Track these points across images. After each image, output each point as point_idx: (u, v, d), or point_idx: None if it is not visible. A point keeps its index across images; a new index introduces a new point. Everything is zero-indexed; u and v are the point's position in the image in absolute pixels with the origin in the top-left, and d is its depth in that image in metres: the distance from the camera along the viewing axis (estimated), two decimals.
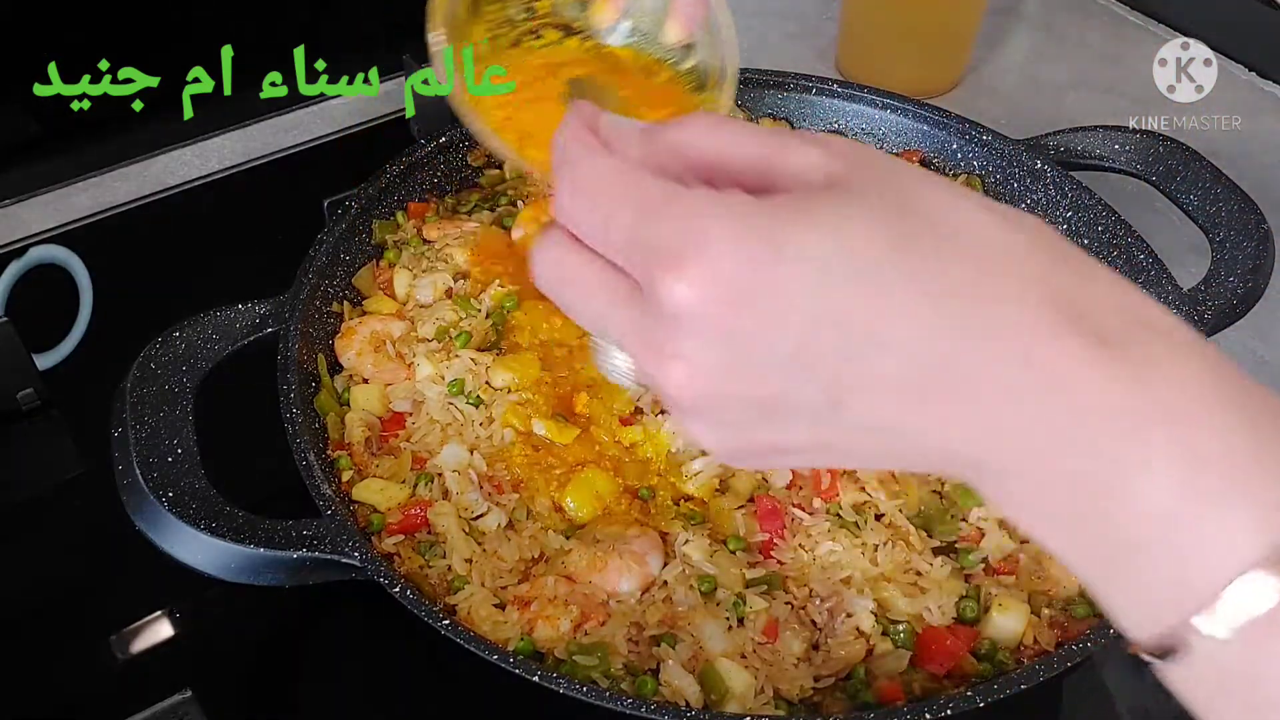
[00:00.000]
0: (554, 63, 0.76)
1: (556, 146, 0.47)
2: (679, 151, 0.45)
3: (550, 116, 0.65)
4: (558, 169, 0.47)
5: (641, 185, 0.43)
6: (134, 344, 0.88)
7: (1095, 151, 1.14)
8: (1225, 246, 1.03)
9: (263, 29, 1.33)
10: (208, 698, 0.84)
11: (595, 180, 0.45)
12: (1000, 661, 0.80)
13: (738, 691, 0.76)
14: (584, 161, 0.45)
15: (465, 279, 1.04)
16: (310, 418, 0.91)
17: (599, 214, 0.44)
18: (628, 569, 0.82)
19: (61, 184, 1.29)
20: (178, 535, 0.77)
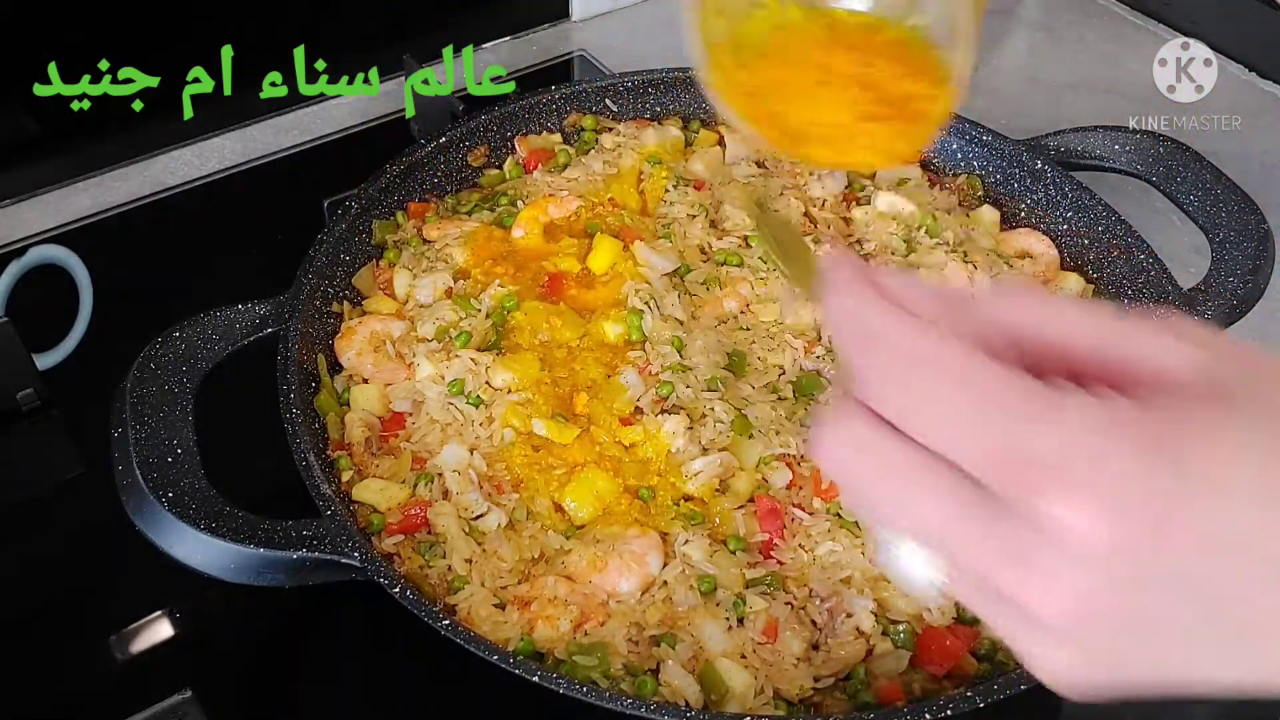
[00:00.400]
0: (784, 36, 0.72)
1: (845, 311, 0.43)
2: (1001, 327, 0.41)
3: (804, 104, 0.68)
4: (860, 343, 0.42)
5: (992, 378, 0.38)
6: (134, 344, 0.88)
7: (1095, 151, 1.14)
8: (1225, 246, 1.03)
9: (263, 29, 1.33)
10: (208, 698, 0.84)
11: (925, 365, 0.40)
12: (1000, 662, 0.80)
13: (738, 691, 0.77)
14: (903, 338, 0.40)
15: (465, 279, 1.04)
16: (310, 418, 0.91)
17: (937, 407, 0.39)
18: (628, 569, 0.82)
19: (61, 184, 1.29)
20: (178, 535, 0.77)
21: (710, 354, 0.96)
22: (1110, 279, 1.07)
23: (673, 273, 1.04)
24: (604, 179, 1.14)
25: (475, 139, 1.17)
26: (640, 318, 0.98)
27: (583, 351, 0.97)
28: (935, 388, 0.39)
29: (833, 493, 0.87)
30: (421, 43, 1.34)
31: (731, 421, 0.91)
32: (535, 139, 1.20)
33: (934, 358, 0.40)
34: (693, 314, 1.02)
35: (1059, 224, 1.12)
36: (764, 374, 0.97)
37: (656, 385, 0.94)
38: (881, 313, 0.42)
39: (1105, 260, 1.08)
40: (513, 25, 1.57)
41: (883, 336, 0.41)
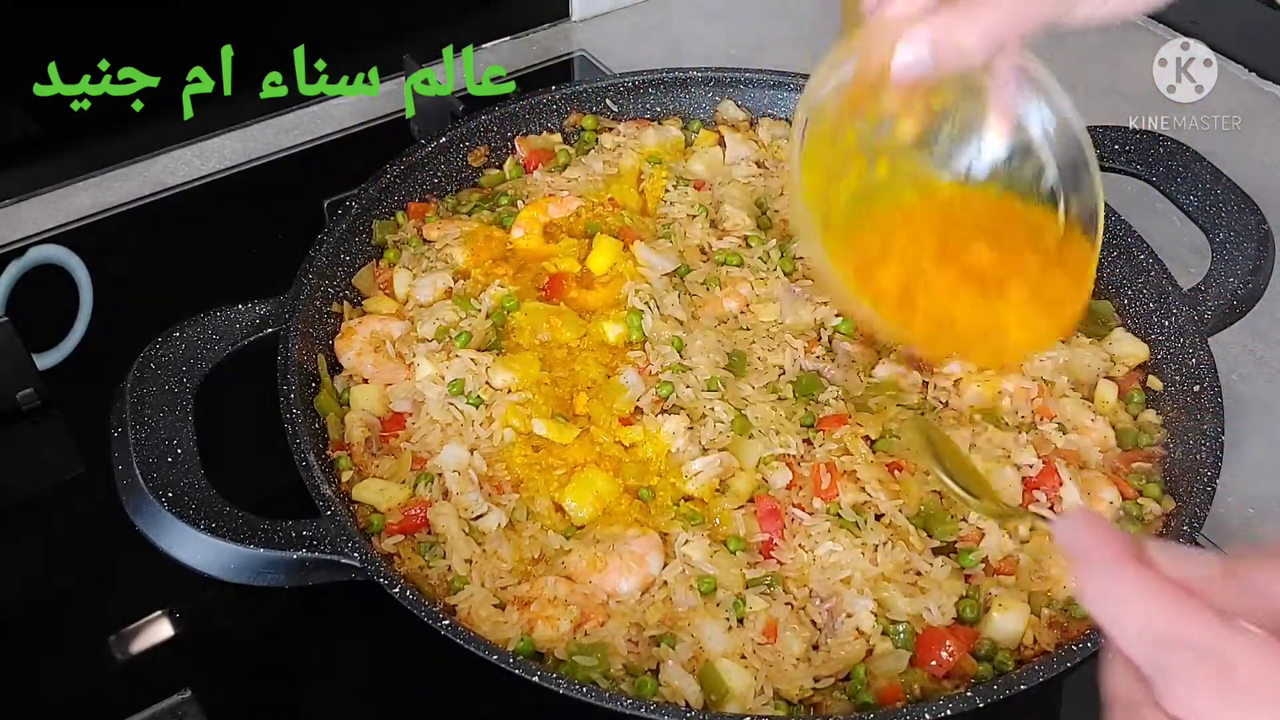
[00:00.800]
0: (904, 222, 0.72)
1: (1124, 606, 0.40)
2: None
3: (943, 294, 0.67)
4: (1153, 647, 0.39)
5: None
6: (134, 344, 0.88)
7: None
8: (1225, 246, 1.03)
9: (263, 29, 1.33)
10: (208, 698, 0.84)
11: (1241, 677, 0.37)
12: (1000, 662, 0.80)
13: (738, 691, 0.76)
14: (1207, 640, 0.38)
15: (465, 279, 1.04)
16: (310, 418, 0.91)
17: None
18: (628, 569, 0.82)
19: (61, 184, 1.29)
20: (178, 535, 0.77)
21: (710, 354, 0.96)
22: (1110, 279, 1.07)
23: (673, 273, 1.04)
24: (604, 179, 1.14)
25: (475, 139, 1.17)
26: (640, 318, 0.98)
27: (583, 352, 0.97)
28: (1254, 698, 0.37)
29: (833, 493, 0.87)
30: (421, 43, 1.34)
31: (731, 421, 0.91)
32: (535, 139, 1.20)
33: (1245, 663, 0.37)
34: (693, 314, 1.02)
35: None
36: (764, 374, 0.97)
37: (656, 385, 0.94)
38: (1174, 609, 0.39)
39: (1105, 260, 1.08)
40: (513, 25, 1.57)
41: (1182, 640, 0.38)
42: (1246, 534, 1.00)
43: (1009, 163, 0.72)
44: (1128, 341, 1.02)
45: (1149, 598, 0.40)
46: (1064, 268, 0.72)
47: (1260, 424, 1.09)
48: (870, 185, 0.72)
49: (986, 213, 0.72)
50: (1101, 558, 0.41)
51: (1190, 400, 0.94)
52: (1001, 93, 0.69)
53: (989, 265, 0.70)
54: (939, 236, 0.71)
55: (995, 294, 0.70)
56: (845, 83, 0.69)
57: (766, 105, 1.24)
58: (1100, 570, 0.41)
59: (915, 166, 0.71)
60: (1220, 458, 0.87)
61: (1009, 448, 0.90)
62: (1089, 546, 0.42)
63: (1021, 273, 0.71)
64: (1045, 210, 0.72)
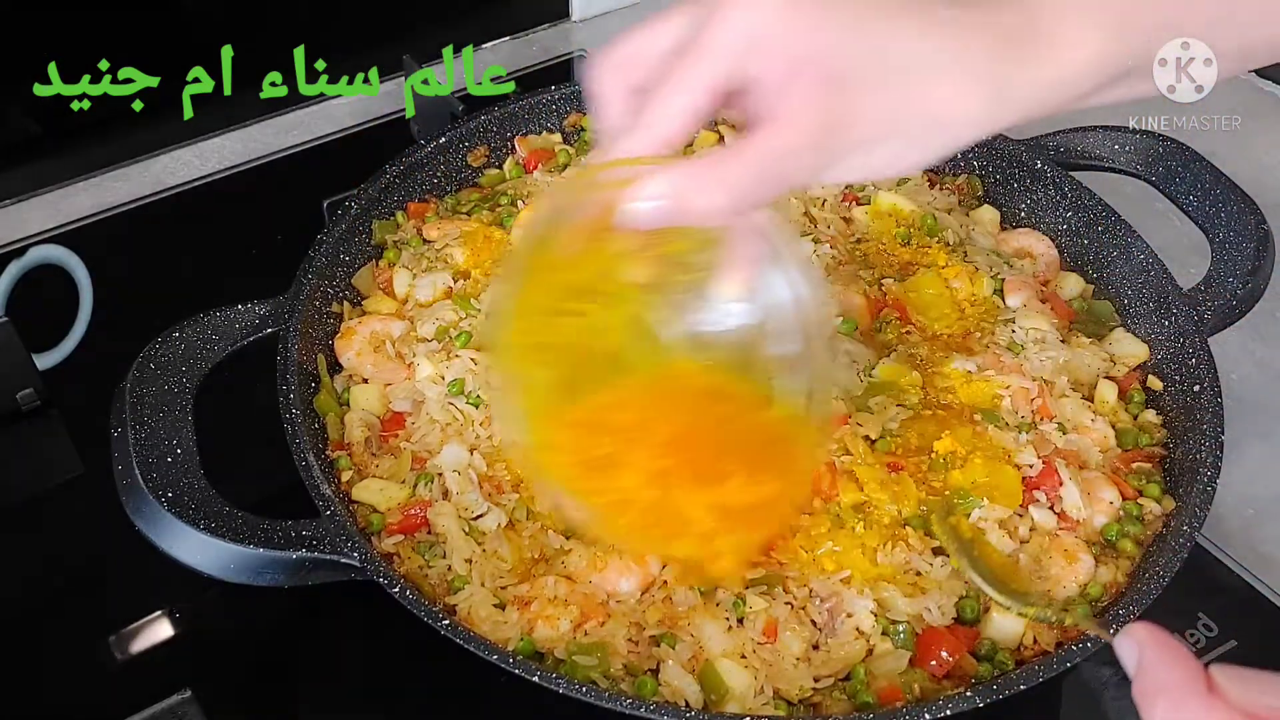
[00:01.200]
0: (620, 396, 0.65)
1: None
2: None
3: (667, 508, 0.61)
4: None
5: None
6: (134, 344, 0.88)
7: (1095, 151, 1.14)
8: (1225, 247, 1.03)
9: (263, 29, 1.33)
10: (208, 698, 0.84)
11: None
12: (1000, 662, 0.80)
13: (737, 691, 0.76)
14: None
15: (465, 279, 1.04)
16: (310, 418, 0.90)
17: None
18: (628, 569, 0.82)
19: (61, 184, 1.29)
20: (178, 535, 0.77)
21: None
22: (1110, 279, 1.07)
23: None
24: None
25: (475, 139, 1.17)
26: None
27: None
28: None
29: (833, 492, 0.87)
30: (421, 43, 1.34)
31: None
32: (535, 139, 1.20)
33: None
34: None
35: (1059, 224, 1.12)
36: None
37: None
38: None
39: (1105, 260, 1.08)
40: (513, 25, 1.57)
41: None
42: (1246, 534, 1.00)
43: (736, 329, 0.65)
44: (1128, 341, 1.02)
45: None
46: (773, 460, 0.66)
47: (1260, 424, 1.09)
48: (590, 333, 0.64)
49: (706, 388, 0.65)
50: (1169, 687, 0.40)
51: (1190, 400, 0.94)
52: (740, 254, 0.62)
53: (709, 461, 0.64)
54: (659, 419, 0.64)
55: (713, 489, 0.64)
56: (578, 212, 0.61)
57: None
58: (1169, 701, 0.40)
59: (643, 318, 0.64)
60: (1220, 458, 0.87)
61: (1009, 448, 0.90)
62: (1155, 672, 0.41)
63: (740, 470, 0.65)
64: (764, 388, 0.66)
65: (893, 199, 1.12)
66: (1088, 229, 1.09)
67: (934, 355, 0.99)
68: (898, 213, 1.12)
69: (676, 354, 0.64)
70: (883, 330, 1.02)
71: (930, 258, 1.07)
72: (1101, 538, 0.88)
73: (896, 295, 1.04)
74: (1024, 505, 0.88)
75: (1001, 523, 0.86)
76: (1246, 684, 0.40)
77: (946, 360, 0.98)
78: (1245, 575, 0.96)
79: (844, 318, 1.01)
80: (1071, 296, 1.08)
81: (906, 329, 1.02)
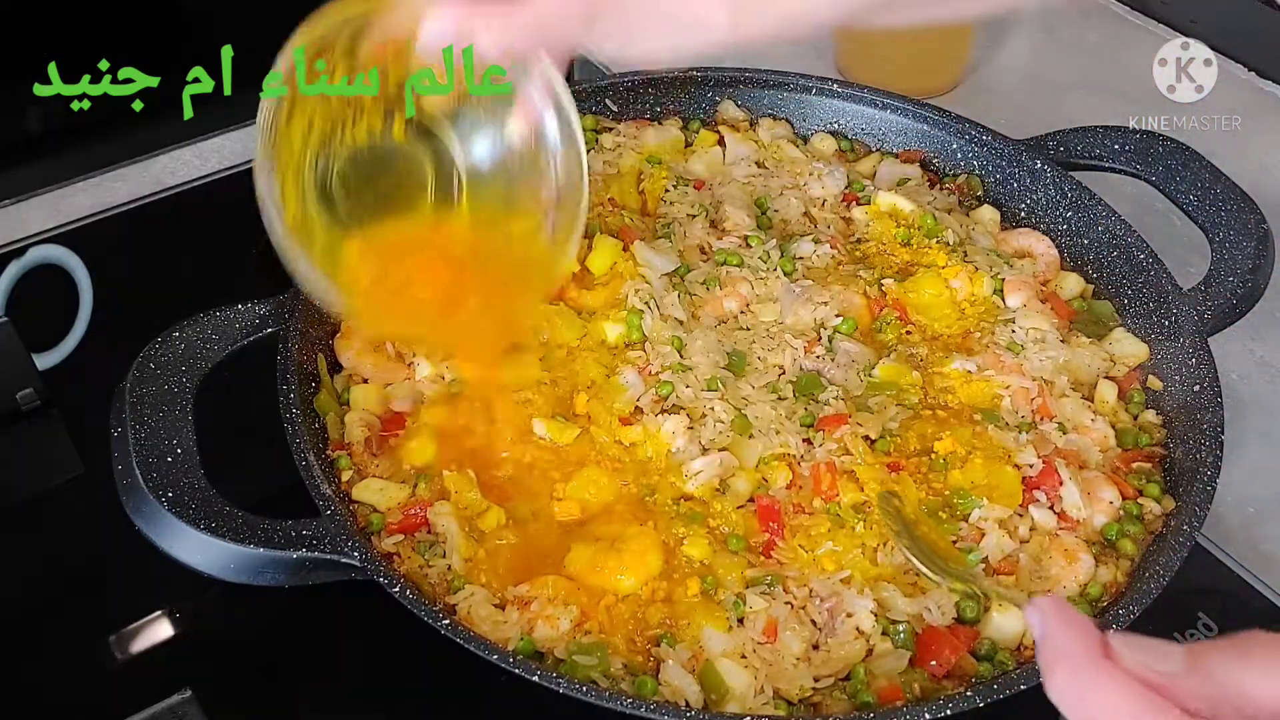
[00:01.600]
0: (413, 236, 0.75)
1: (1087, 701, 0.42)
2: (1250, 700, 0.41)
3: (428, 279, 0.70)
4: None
5: None
6: (134, 344, 0.88)
7: (1095, 151, 1.14)
8: (1225, 246, 1.03)
9: (263, 29, 1.33)
10: (208, 698, 0.84)
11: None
12: (1000, 662, 0.80)
13: (738, 691, 0.76)
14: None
15: None
16: (310, 418, 0.90)
17: None
18: (628, 569, 0.82)
19: (61, 184, 1.29)
20: (178, 535, 0.77)
21: (710, 354, 0.96)
22: (1110, 279, 1.07)
23: (672, 273, 1.04)
24: (604, 179, 1.14)
25: None
26: (640, 317, 0.98)
27: (582, 351, 0.97)
28: None
29: (833, 493, 0.87)
30: None
31: (731, 421, 0.91)
32: None
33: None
34: (693, 314, 1.02)
35: (1059, 224, 1.12)
36: (764, 374, 0.97)
37: (656, 385, 0.94)
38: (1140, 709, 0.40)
39: (1105, 260, 1.08)
40: None
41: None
42: (1246, 534, 1.00)
43: (514, 163, 0.74)
44: (1128, 341, 1.02)
45: (1116, 695, 0.41)
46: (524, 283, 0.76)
47: (1260, 424, 1.09)
48: (376, 148, 0.75)
49: (471, 221, 0.74)
50: (1070, 654, 0.42)
51: (1190, 400, 0.94)
52: (526, 96, 0.73)
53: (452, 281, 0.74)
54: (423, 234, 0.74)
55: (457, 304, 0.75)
56: (364, 28, 0.72)
57: (766, 105, 1.24)
58: (1067, 667, 0.42)
59: (428, 142, 0.75)
60: (1220, 458, 0.87)
61: (1009, 447, 0.90)
62: (1056, 640, 0.43)
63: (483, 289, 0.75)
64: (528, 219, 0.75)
65: (892, 199, 1.12)
66: (1088, 229, 1.09)
67: (934, 355, 0.99)
68: (898, 213, 1.12)
69: (445, 185, 0.74)
70: (883, 330, 1.02)
71: (930, 258, 1.07)
72: (1101, 537, 0.88)
73: (896, 295, 1.04)
74: (1024, 505, 0.88)
75: (1001, 522, 0.86)
76: (1140, 650, 0.42)
77: (946, 360, 0.98)
78: (1245, 575, 0.96)
79: (844, 318, 1.01)
80: (1071, 296, 1.08)
81: (906, 329, 1.03)
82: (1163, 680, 0.41)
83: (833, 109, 1.22)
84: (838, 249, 1.09)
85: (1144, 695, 0.41)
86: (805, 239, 1.08)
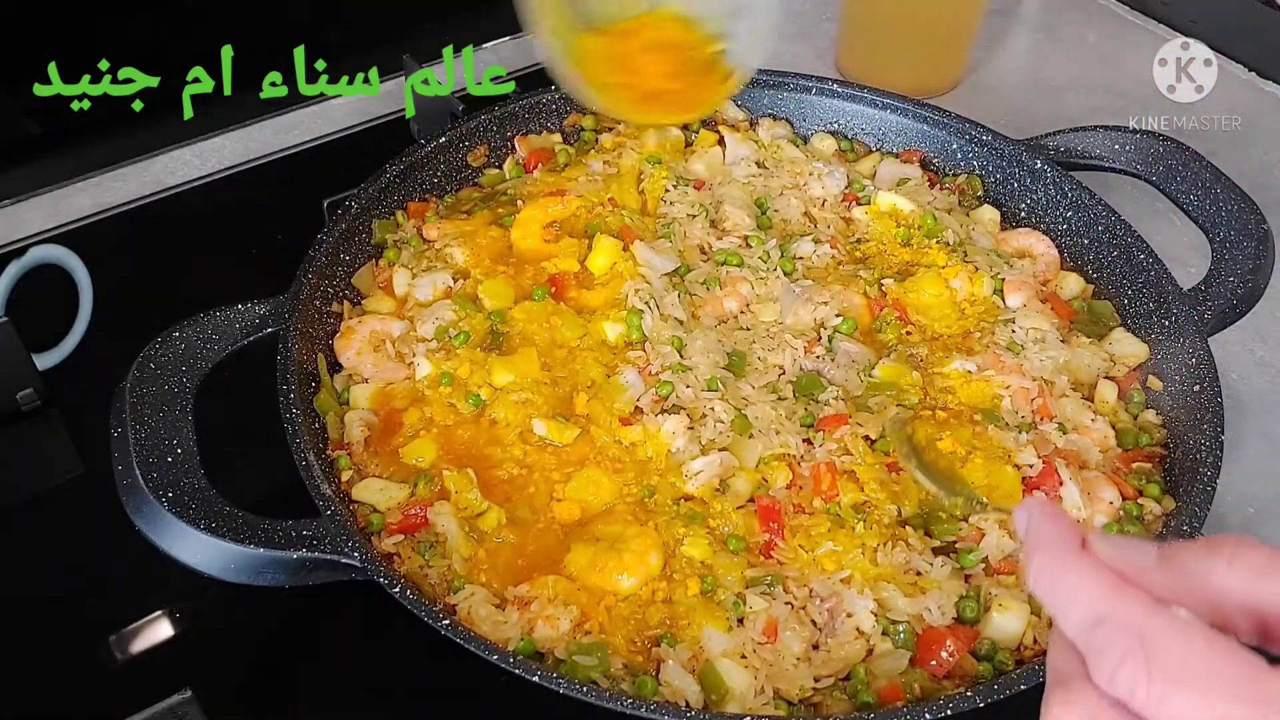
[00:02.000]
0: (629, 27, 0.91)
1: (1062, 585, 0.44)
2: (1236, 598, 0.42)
3: (650, 69, 0.87)
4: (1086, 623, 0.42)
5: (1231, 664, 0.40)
6: (134, 344, 0.88)
7: (1095, 151, 1.14)
8: (1225, 246, 1.03)
9: (263, 29, 1.33)
10: (208, 698, 0.84)
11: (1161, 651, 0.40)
12: (1000, 662, 0.80)
13: (738, 691, 0.76)
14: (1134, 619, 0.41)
15: (465, 279, 1.04)
16: (310, 418, 0.91)
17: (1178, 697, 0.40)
18: (628, 569, 0.82)
19: (61, 184, 1.29)
20: (178, 535, 0.77)
21: (710, 354, 0.96)
22: (1110, 279, 1.07)
23: (673, 273, 1.04)
24: (604, 179, 1.14)
25: (475, 139, 1.17)
26: (640, 317, 0.98)
27: (582, 351, 0.97)
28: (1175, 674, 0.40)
29: (833, 493, 0.87)
30: (421, 43, 1.34)
31: (731, 421, 0.91)
32: (535, 139, 1.20)
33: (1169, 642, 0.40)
34: (693, 314, 1.02)
35: (1059, 224, 1.12)
36: (764, 374, 0.97)
37: (656, 385, 0.94)
38: (1107, 591, 0.42)
39: (1105, 260, 1.08)
40: (513, 25, 1.55)
41: (1113, 620, 0.42)
42: (1247, 533, 1.00)
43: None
44: (1128, 341, 1.02)
45: (1089, 581, 0.43)
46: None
47: (1260, 424, 1.09)
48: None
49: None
50: (1049, 545, 0.45)
51: (1190, 400, 0.94)
52: None
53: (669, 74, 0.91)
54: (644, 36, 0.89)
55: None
56: None
57: (766, 105, 1.24)
58: (1047, 556, 0.45)
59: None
60: (1220, 458, 0.87)
61: (1009, 447, 0.90)
62: (1038, 534, 0.45)
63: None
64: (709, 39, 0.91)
65: (893, 199, 1.12)
66: (1088, 229, 1.09)
67: (934, 355, 0.99)
68: (898, 213, 1.12)
69: None
70: (883, 330, 1.02)
71: (930, 258, 1.07)
72: None
73: (896, 295, 1.04)
74: None
75: (1001, 523, 0.86)
76: (1115, 545, 0.45)
77: (946, 360, 0.98)
78: None
79: (844, 318, 1.01)
80: (1071, 296, 1.08)
81: (906, 329, 1.03)
82: (1133, 571, 0.43)
83: (833, 109, 1.23)
84: (838, 249, 1.09)
85: (1112, 580, 0.43)
86: (805, 239, 1.08)
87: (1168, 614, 0.41)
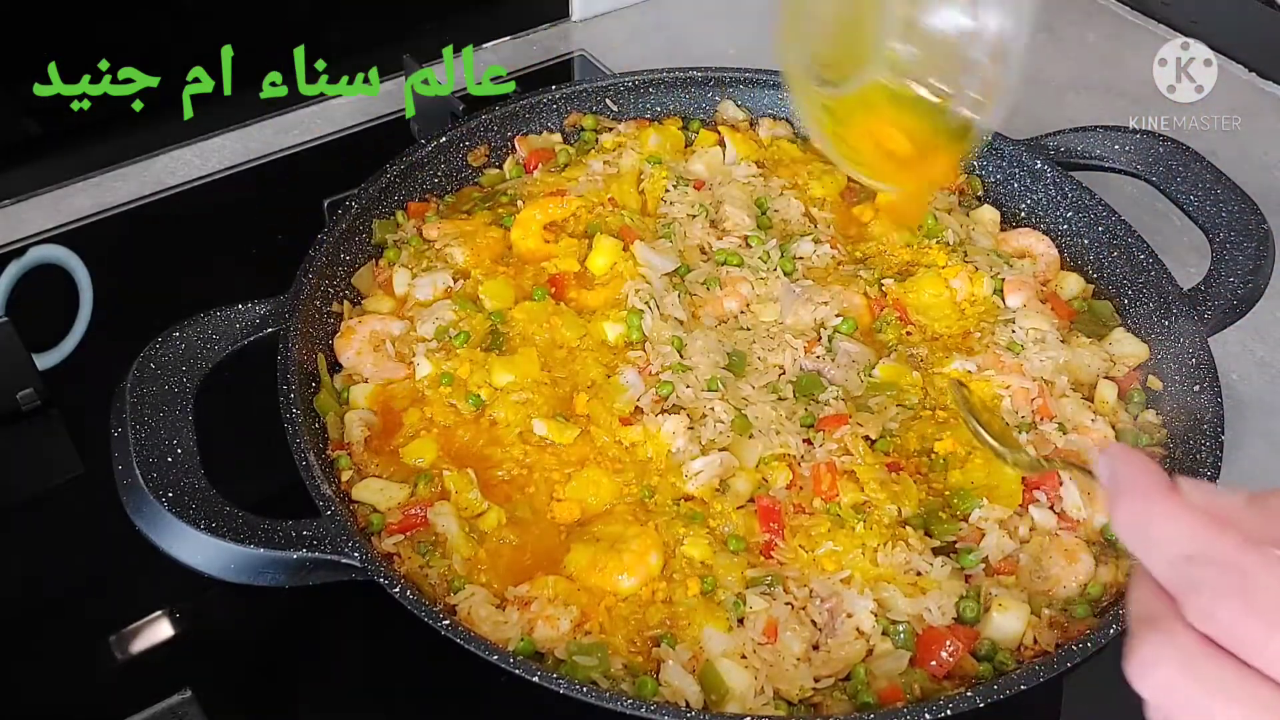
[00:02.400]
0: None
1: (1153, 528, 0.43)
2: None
3: (881, 134, 0.84)
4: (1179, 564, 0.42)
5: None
6: (134, 344, 0.88)
7: (1095, 151, 1.14)
8: (1225, 247, 1.03)
9: (263, 29, 1.33)
10: (208, 698, 0.84)
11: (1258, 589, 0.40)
12: (1000, 662, 0.80)
13: (738, 691, 0.76)
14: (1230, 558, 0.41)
15: (465, 279, 1.04)
16: (310, 418, 0.91)
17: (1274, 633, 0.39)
18: (628, 569, 0.82)
19: (61, 184, 1.29)
20: (178, 535, 0.77)
21: (710, 354, 0.96)
22: (1110, 279, 1.07)
23: (673, 273, 1.04)
24: (604, 179, 1.14)
25: (475, 139, 1.17)
26: (640, 317, 0.98)
27: (582, 351, 0.97)
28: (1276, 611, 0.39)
29: (833, 493, 0.87)
30: (421, 43, 1.34)
31: (731, 421, 0.91)
32: (535, 139, 1.20)
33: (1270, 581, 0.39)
34: (693, 314, 1.02)
35: (1059, 224, 1.12)
36: (764, 374, 0.97)
37: (656, 385, 0.94)
38: (1201, 531, 0.42)
39: (1105, 260, 1.08)
40: (513, 25, 1.57)
41: (1207, 557, 0.41)
42: None
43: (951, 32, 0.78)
44: (1128, 341, 1.02)
45: (1179, 521, 0.42)
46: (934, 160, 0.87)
47: (1260, 424, 1.09)
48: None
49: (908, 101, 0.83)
50: (1136, 488, 0.44)
51: (1190, 400, 0.94)
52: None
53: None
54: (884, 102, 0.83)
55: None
56: None
57: (766, 105, 1.24)
58: (1134, 498, 0.44)
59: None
60: (1220, 458, 0.87)
61: None
62: (1125, 478, 0.44)
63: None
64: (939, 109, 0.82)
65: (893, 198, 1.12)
66: (1088, 229, 1.09)
67: (934, 355, 0.99)
68: None
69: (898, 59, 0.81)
70: (883, 330, 1.02)
71: (930, 258, 1.07)
72: (1101, 537, 0.88)
73: (897, 295, 1.04)
74: (1024, 505, 0.88)
75: (1001, 523, 0.86)
76: (1204, 489, 0.44)
77: (946, 360, 0.98)
78: None
79: (844, 318, 1.01)
80: (1071, 296, 1.08)
81: (907, 329, 1.03)
82: (1225, 513, 0.43)
83: None
84: (838, 249, 1.09)
85: (1207, 522, 0.42)
86: (805, 239, 1.08)
87: (1265, 551, 0.40)
